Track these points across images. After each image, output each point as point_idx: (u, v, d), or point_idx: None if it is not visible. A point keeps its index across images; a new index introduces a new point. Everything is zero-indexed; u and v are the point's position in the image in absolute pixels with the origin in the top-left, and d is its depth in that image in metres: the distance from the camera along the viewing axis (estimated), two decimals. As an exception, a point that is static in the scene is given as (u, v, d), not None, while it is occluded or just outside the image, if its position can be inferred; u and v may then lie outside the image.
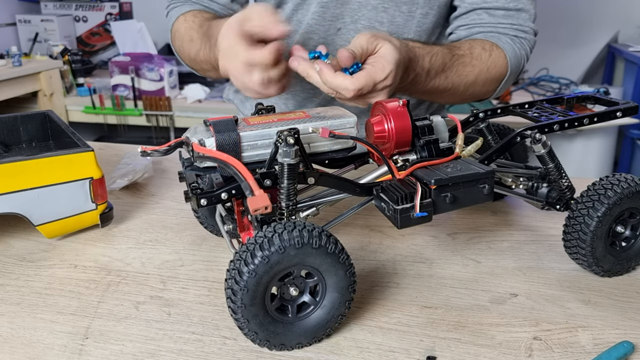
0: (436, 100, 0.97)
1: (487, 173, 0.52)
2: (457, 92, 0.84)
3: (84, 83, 2.62)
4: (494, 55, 0.85)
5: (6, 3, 2.98)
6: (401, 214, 0.50)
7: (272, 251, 0.43)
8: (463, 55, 0.82)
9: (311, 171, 0.52)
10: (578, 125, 0.60)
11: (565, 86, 2.53)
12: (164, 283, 0.59)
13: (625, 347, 0.48)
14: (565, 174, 0.60)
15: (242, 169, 0.48)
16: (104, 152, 0.98)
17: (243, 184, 0.46)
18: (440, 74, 0.79)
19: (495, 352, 0.49)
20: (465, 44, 0.85)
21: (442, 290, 0.58)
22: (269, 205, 0.44)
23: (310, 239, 0.44)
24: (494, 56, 0.85)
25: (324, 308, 0.48)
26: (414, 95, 0.84)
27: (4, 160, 0.62)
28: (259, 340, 0.47)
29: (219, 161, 0.49)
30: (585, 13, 2.75)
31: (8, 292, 0.57)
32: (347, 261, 0.47)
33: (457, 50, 0.82)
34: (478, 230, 0.71)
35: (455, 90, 0.83)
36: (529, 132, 0.58)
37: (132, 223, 0.73)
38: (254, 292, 0.44)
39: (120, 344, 0.49)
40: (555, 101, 0.69)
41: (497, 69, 0.86)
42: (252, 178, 0.46)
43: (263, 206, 0.44)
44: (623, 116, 0.63)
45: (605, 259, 0.58)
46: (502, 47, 0.86)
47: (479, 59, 0.84)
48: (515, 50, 0.88)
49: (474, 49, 0.84)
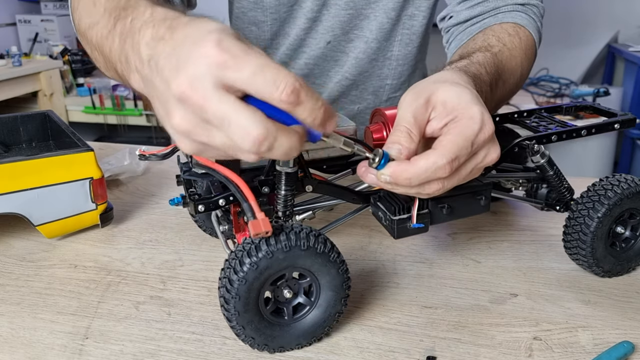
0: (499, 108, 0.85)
1: (484, 185, 0.52)
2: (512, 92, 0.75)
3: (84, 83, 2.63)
4: (521, 35, 0.77)
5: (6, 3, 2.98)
6: (398, 225, 0.50)
7: (260, 257, 0.43)
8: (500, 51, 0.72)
9: (309, 179, 0.52)
10: (576, 136, 0.61)
11: (565, 86, 2.53)
12: (164, 283, 0.59)
13: (625, 347, 0.48)
14: (565, 180, 0.60)
15: (244, 188, 0.45)
16: (104, 152, 0.98)
17: (245, 205, 0.44)
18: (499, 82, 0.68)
19: (495, 352, 0.49)
20: (490, 37, 0.74)
21: (442, 290, 0.58)
22: (270, 230, 0.43)
23: (298, 240, 0.44)
24: (522, 37, 0.77)
25: (320, 307, 0.48)
26: None
27: (4, 160, 0.62)
28: (257, 345, 0.47)
29: (218, 174, 0.47)
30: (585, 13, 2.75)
31: (8, 292, 0.57)
32: (338, 259, 0.47)
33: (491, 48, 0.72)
34: (478, 230, 0.71)
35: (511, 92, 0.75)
36: (527, 142, 0.58)
37: (132, 223, 0.73)
38: (246, 299, 0.44)
39: (120, 344, 0.49)
40: (554, 110, 0.70)
41: (531, 49, 0.78)
42: (254, 199, 0.44)
43: (264, 231, 0.43)
44: (621, 128, 0.63)
45: (605, 259, 0.58)
46: (522, 23, 0.79)
47: (514, 47, 0.74)
48: (532, 21, 0.80)
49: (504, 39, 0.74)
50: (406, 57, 1.00)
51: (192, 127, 0.39)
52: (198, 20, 0.41)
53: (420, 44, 1.00)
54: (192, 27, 0.41)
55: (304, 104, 0.38)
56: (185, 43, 0.39)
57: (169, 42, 0.42)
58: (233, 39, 0.38)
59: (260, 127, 0.37)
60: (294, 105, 0.38)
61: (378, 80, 1.02)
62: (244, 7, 0.97)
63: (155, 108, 0.43)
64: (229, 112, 0.37)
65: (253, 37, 1.00)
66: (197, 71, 0.38)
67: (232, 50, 0.37)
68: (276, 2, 0.94)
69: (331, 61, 0.99)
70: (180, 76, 0.38)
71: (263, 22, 0.97)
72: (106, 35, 0.54)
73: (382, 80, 1.02)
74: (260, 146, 0.38)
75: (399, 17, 0.95)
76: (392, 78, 1.02)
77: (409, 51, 0.99)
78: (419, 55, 1.03)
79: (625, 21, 2.75)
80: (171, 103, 0.39)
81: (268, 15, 0.95)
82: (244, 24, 0.99)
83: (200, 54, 0.38)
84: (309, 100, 0.38)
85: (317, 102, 0.39)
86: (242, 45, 0.38)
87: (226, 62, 0.37)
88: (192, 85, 0.38)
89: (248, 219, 0.43)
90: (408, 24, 0.96)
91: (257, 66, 0.37)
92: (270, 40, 0.99)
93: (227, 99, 0.37)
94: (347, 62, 0.99)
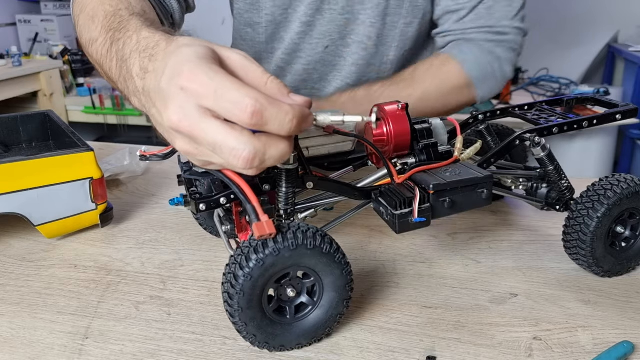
0: None
1: (486, 178, 0.52)
2: None
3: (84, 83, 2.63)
4: (445, 69, 0.86)
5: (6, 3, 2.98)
6: (399, 219, 0.50)
7: (266, 254, 0.43)
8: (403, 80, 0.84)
9: (310, 175, 0.52)
10: (577, 128, 0.60)
11: (565, 86, 2.53)
12: (164, 283, 0.59)
13: (625, 347, 0.48)
14: (565, 176, 0.60)
15: (247, 189, 0.45)
16: (104, 152, 0.98)
17: (248, 207, 0.44)
18: None
19: (495, 352, 0.49)
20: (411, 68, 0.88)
21: (442, 290, 0.58)
22: (274, 232, 0.43)
23: (305, 240, 0.44)
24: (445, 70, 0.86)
25: (322, 308, 0.48)
26: None
27: (4, 160, 0.62)
28: (258, 343, 0.47)
29: (220, 175, 0.47)
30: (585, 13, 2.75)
31: (8, 292, 0.57)
32: (343, 260, 0.47)
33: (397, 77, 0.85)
34: (478, 230, 0.71)
35: None
36: (528, 135, 0.58)
37: (132, 223, 0.73)
38: (250, 295, 0.44)
39: (120, 344, 0.49)
40: (555, 102, 0.69)
41: (451, 80, 0.87)
42: (257, 200, 0.44)
43: (268, 233, 0.43)
44: (623, 119, 0.63)
45: (605, 259, 0.58)
46: (459, 57, 0.86)
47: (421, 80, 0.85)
48: (478, 57, 0.87)
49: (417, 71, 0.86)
50: (401, 60, 1.01)
51: (192, 151, 0.42)
52: (175, 47, 0.43)
53: (416, 48, 1.01)
54: (169, 56, 0.42)
55: (272, 121, 0.39)
56: (165, 75, 0.41)
57: (152, 74, 0.44)
58: (204, 64, 0.39)
59: (248, 147, 0.39)
60: (260, 125, 0.39)
61: None
62: (241, 9, 0.97)
63: (159, 131, 0.45)
64: (216, 137, 0.39)
65: (249, 39, 1.00)
66: (180, 103, 0.40)
67: (200, 78, 0.39)
68: (272, 4, 0.94)
69: (329, 66, 1.00)
70: (169, 110, 0.40)
71: (258, 24, 0.97)
72: (105, 54, 0.56)
73: None
74: (252, 163, 0.40)
75: (394, 23, 0.95)
76: None
77: (404, 55, 1.00)
78: (415, 59, 1.04)
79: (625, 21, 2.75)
80: (170, 132, 0.42)
81: (263, 17, 0.96)
82: (240, 25, 1.00)
83: (178, 87, 0.39)
84: (277, 116, 0.39)
85: (287, 116, 0.39)
86: (210, 68, 0.39)
87: (197, 90, 0.39)
88: (179, 118, 0.40)
89: (252, 221, 0.43)
90: (404, 30, 0.96)
91: (221, 90, 0.38)
92: (265, 44, 0.99)
93: (212, 125, 0.39)
94: (346, 67, 0.99)
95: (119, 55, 0.52)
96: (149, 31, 0.50)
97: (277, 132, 0.39)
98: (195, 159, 0.43)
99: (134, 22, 0.54)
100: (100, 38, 0.59)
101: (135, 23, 0.54)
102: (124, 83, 0.51)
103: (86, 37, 0.63)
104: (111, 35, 0.56)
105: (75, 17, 0.68)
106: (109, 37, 0.56)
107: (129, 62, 0.49)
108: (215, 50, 0.42)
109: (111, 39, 0.56)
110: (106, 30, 0.58)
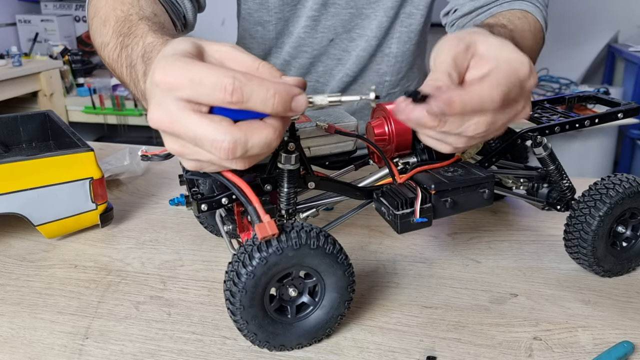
0: None
1: (487, 178, 0.52)
2: None
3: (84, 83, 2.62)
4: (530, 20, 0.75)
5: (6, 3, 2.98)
6: (401, 219, 0.50)
7: (270, 252, 0.43)
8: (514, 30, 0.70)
9: (311, 175, 0.52)
10: (579, 127, 0.60)
11: (565, 86, 2.53)
12: (164, 283, 0.59)
13: (625, 347, 0.48)
14: (566, 175, 0.60)
15: (248, 191, 0.45)
16: (104, 152, 0.98)
17: (249, 208, 0.44)
18: None
19: (495, 352, 0.49)
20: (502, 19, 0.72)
21: (442, 290, 0.58)
22: (277, 232, 0.43)
23: (308, 239, 0.44)
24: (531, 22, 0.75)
25: (323, 308, 0.48)
26: None
27: (4, 160, 0.62)
28: (258, 342, 0.47)
29: (221, 177, 0.46)
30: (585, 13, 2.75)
31: (8, 292, 0.57)
32: (346, 261, 0.47)
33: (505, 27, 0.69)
34: (478, 230, 0.71)
35: None
36: (529, 134, 0.58)
37: (132, 223, 0.73)
38: (252, 294, 0.44)
39: (120, 344, 0.49)
40: (556, 101, 0.69)
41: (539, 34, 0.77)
42: (258, 202, 0.44)
43: (271, 234, 0.43)
44: (624, 117, 0.63)
45: (606, 259, 0.58)
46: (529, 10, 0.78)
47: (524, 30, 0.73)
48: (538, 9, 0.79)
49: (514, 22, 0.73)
50: (404, 54, 1.01)
51: (180, 150, 0.41)
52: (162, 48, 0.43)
53: (418, 41, 1.02)
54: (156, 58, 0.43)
55: (253, 98, 0.37)
56: (148, 76, 0.41)
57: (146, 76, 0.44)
58: (175, 58, 0.39)
59: (227, 136, 0.38)
60: (241, 103, 0.37)
61: (377, 76, 1.03)
62: (250, 8, 0.98)
63: None
64: (196, 130, 0.38)
65: (259, 37, 1.01)
66: (158, 100, 0.39)
67: (172, 71, 0.38)
68: (280, 2, 0.95)
69: (334, 59, 1.01)
70: (150, 109, 0.40)
71: (268, 22, 0.98)
72: (116, 58, 0.58)
73: (381, 77, 1.03)
74: (235, 153, 0.38)
75: (397, 15, 0.96)
76: (391, 75, 1.03)
77: (407, 48, 1.01)
78: (417, 52, 1.04)
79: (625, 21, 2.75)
80: (160, 132, 0.41)
81: (273, 15, 0.97)
82: (250, 24, 1.00)
83: (154, 84, 0.39)
84: (258, 92, 0.37)
85: (268, 91, 0.37)
86: (181, 60, 0.39)
87: (172, 83, 0.38)
88: (159, 116, 0.39)
89: (254, 222, 0.43)
90: (406, 22, 0.97)
91: (197, 77, 0.37)
92: (275, 40, 1.00)
93: (190, 118, 0.38)
94: (349, 60, 1.00)
95: (128, 60, 0.54)
96: (154, 36, 0.51)
97: (262, 109, 0.38)
98: (186, 159, 0.42)
99: (142, 27, 0.55)
100: (111, 43, 0.60)
101: (143, 28, 0.55)
102: (135, 88, 0.53)
103: (99, 41, 0.65)
104: (121, 41, 0.58)
105: (90, 19, 0.70)
106: (119, 43, 0.58)
107: (136, 68, 0.51)
108: (199, 44, 0.41)
109: (121, 45, 0.57)
110: (117, 36, 0.59)
